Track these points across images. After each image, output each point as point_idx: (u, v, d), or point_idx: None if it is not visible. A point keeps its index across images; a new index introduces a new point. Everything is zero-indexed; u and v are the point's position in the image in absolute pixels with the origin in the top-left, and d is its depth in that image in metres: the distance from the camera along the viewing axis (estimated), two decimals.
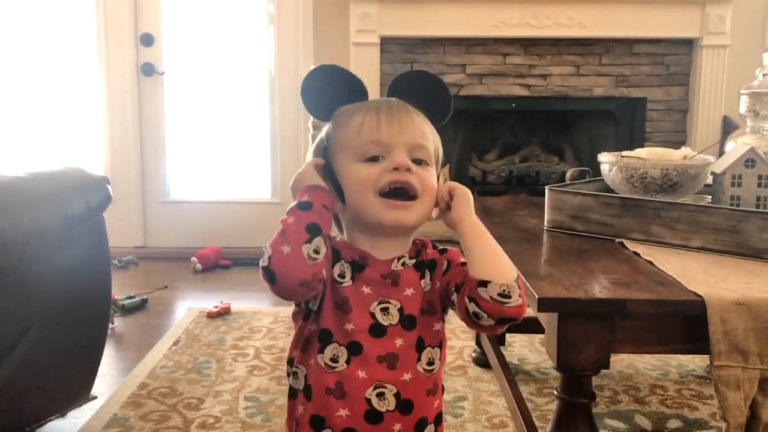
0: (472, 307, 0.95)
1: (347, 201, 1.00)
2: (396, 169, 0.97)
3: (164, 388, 2.24)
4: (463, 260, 1.02)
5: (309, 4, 3.90)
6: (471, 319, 0.97)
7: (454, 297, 1.00)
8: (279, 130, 4.02)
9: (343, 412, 0.98)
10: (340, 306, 0.99)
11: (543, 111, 4.05)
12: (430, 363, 1.02)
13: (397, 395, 0.99)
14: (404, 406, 0.99)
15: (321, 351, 0.99)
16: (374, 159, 0.98)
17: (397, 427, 0.99)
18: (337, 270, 1.00)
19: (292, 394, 1.04)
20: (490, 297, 0.93)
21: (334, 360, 0.98)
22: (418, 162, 1.00)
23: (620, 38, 3.75)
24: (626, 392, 2.22)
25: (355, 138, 0.99)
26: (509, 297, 0.94)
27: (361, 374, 0.98)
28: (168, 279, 3.56)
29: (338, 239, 1.04)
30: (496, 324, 0.96)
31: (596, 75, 3.82)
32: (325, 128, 1.05)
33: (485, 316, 0.95)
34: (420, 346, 1.01)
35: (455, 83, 3.76)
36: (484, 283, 0.94)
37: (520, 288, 0.95)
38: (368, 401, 0.98)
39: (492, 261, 0.96)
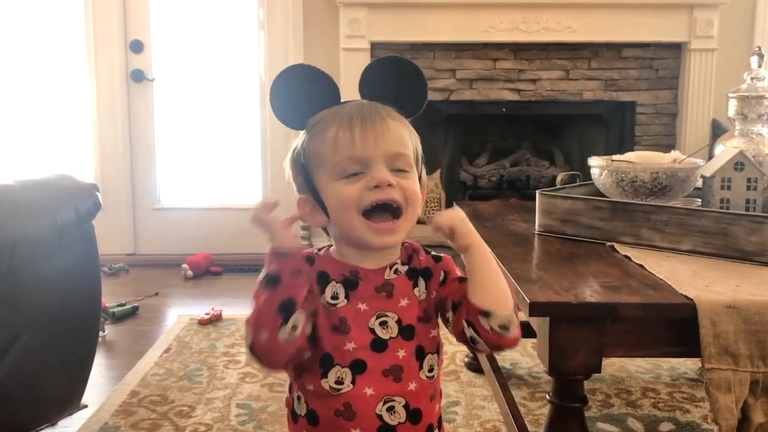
0: (469, 332, 0.95)
1: (331, 219, 0.97)
2: (377, 186, 0.94)
3: (155, 396, 2.23)
4: (460, 274, 1.01)
5: (299, 9, 3.90)
6: (466, 342, 0.97)
7: (450, 315, 0.99)
8: (269, 135, 4.01)
9: None
10: (338, 328, 0.97)
11: (533, 115, 4.06)
12: (431, 369, 1.01)
13: (406, 406, 0.98)
14: (414, 415, 0.98)
15: (324, 376, 0.97)
16: (354, 174, 0.95)
17: None
18: (329, 292, 0.97)
19: (294, 418, 1.02)
20: (491, 328, 0.94)
21: (339, 382, 0.96)
22: (399, 171, 0.96)
23: (609, 42, 3.77)
24: (618, 395, 2.22)
25: (331, 154, 0.95)
26: (508, 329, 0.94)
27: (369, 391, 0.96)
28: (159, 286, 3.54)
29: (323, 254, 1.01)
30: (491, 349, 0.98)
31: (585, 79, 3.84)
32: (300, 138, 1.01)
33: (482, 343, 0.95)
34: (420, 355, 1.00)
35: (445, 88, 3.77)
36: (485, 314, 0.94)
37: (517, 317, 0.96)
38: (379, 417, 0.96)
39: (496, 292, 0.95)
